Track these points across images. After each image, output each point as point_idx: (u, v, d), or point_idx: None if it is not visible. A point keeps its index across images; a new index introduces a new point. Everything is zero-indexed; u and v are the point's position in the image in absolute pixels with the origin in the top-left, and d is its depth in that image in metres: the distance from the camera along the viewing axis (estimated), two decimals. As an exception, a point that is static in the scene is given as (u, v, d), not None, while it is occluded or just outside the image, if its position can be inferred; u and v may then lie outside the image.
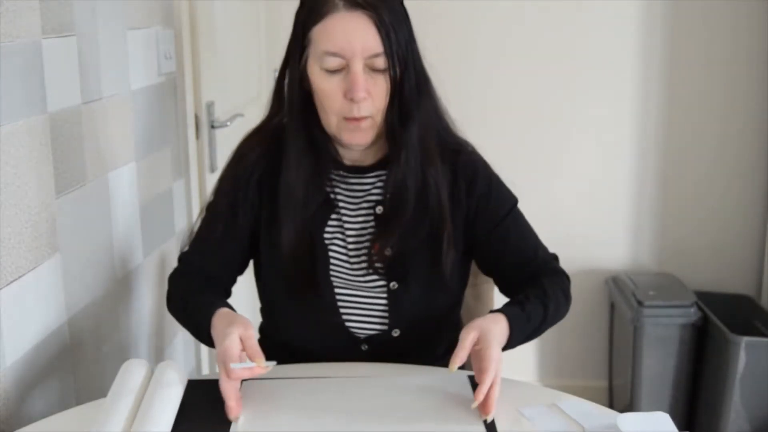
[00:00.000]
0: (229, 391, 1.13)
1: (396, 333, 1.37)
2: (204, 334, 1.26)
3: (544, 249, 1.42)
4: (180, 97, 2.00)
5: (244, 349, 1.15)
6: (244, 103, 2.39)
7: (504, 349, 1.23)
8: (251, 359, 1.14)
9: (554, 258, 1.43)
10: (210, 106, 2.14)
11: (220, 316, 1.23)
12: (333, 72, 1.24)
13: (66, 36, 1.42)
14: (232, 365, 1.12)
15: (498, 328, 1.22)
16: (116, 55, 1.64)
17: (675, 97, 2.79)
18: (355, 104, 1.24)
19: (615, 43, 2.77)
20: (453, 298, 1.42)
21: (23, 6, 1.27)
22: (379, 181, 1.37)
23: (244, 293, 1.49)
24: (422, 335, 1.39)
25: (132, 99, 1.72)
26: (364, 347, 1.38)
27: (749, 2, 2.69)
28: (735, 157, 2.80)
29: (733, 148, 2.79)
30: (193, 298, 1.34)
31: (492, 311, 1.27)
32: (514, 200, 1.41)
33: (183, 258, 1.44)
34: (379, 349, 1.37)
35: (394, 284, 1.35)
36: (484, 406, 1.12)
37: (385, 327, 1.37)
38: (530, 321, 1.29)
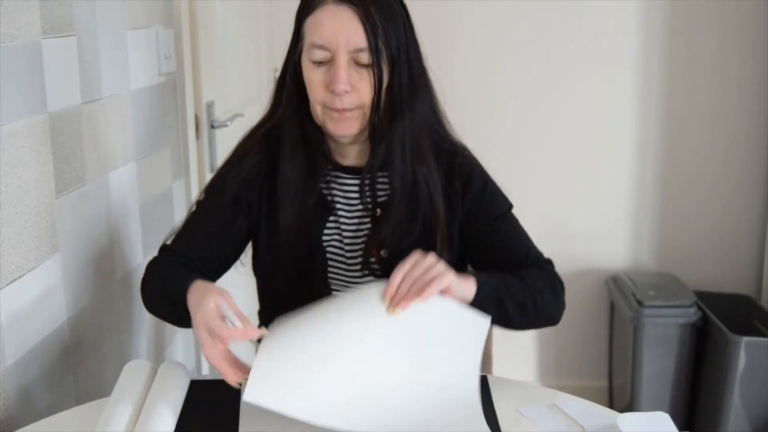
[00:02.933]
0: (218, 356, 1.09)
1: None
2: (180, 310, 1.20)
3: (538, 253, 1.41)
4: (180, 97, 2.01)
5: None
6: (244, 103, 2.39)
7: (478, 300, 1.20)
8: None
9: (548, 262, 1.42)
10: (210, 106, 2.15)
11: (195, 288, 1.18)
12: (319, 64, 1.26)
13: (66, 36, 1.42)
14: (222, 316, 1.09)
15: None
16: (116, 55, 1.65)
17: (675, 97, 2.79)
18: (337, 96, 1.24)
19: (615, 43, 2.77)
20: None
21: (23, 6, 1.27)
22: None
23: (244, 295, 1.49)
24: None
25: (132, 99, 1.72)
26: None
27: (749, 2, 2.69)
28: (735, 157, 2.80)
29: (733, 148, 2.79)
30: (169, 277, 1.29)
31: None
32: (508, 205, 1.41)
33: (165, 248, 1.40)
34: None
35: None
36: (394, 301, 1.12)
37: None
38: (501, 280, 1.26)
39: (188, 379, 1.22)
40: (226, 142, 2.13)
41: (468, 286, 1.20)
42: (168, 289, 1.26)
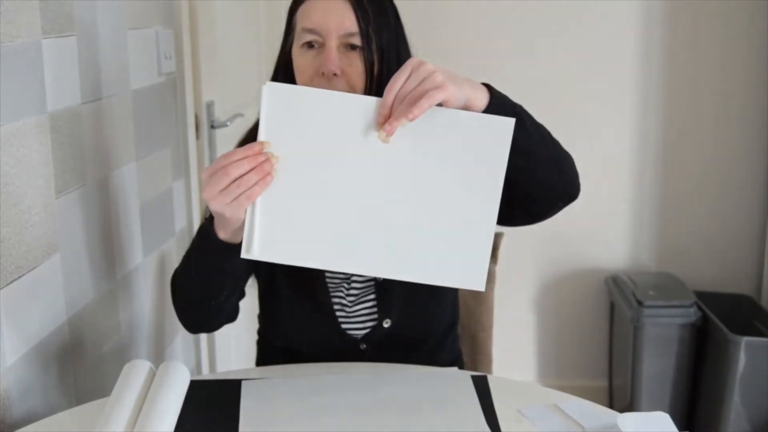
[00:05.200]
0: (216, 190, 1.08)
1: (387, 323, 1.37)
2: (212, 243, 1.19)
3: None
4: (180, 97, 2.01)
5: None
6: (244, 103, 2.39)
7: (492, 107, 1.13)
8: None
9: None
10: (210, 106, 2.15)
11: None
12: (308, 48, 1.25)
13: (66, 36, 1.42)
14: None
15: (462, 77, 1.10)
16: (116, 55, 1.65)
17: (674, 97, 2.79)
18: (326, 80, 1.23)
19: (615, 43, 2.77)
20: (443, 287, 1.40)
21: (23, 6, 1.27)
22: None
23: (244, 299, 1.49)
24: (415, 323, 1.39)
25: (132, 99, 1.72)
26: (363, 346, 1.38)
27: (750, 2, 2.69)
28: (735, 157, 2.80)
29: (732, 147, 2.79)
30: (191, 255, 1.29)
31: None
32: None
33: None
34: (377, 346, 1.38)
35: None
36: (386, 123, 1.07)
37: (375, 321, 1.37)
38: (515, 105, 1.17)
39: (188, 379, 1.22)
40: (226, 142, 2.13)
41: (478, 95, 1.12)
42: (194, 257, 1.26)
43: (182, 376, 1.20)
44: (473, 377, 1.25)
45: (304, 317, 1.38)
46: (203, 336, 2.22)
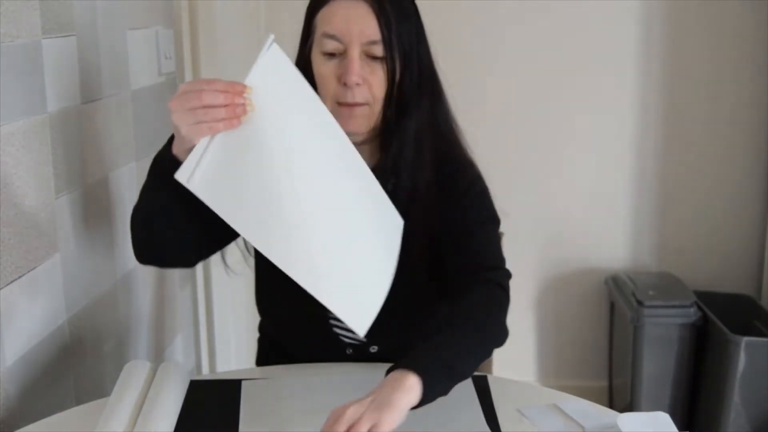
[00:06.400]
0: (185, 107, 1.05)
1: (374, 349, 1.36)
2: (165, 167, 1.13)
3: (501, 263, 1.30)
4: (180, 97, 2.00)
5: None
6: (244, 103, 2.38)
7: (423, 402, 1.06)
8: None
9: (501, 286, 1.26)
10: (210, 106, 2.14)
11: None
12: (330, 56, 1.24)
13: (66, 36, 1.42)
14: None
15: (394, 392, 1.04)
16: (116, 55, 1.65)
17: (674, 97, 2.79)
18: (348, 89, 1.22)
19: (615, 43, 2.76)
20: (436, 315, 1.35)
21: (23, 6, 1.27)
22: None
23: (245, 293, 1.49)
24: (403, 353, 1.37)
25: (132, 99, 1.72)
26: (349, 351, 1.38)
27: (750, 2, 2.69)
28: (735, 157, 2.80)
29: (733, 147, 2.79)
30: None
31: (393, 368, 1.09)
32: (494, 216, 1.33)
33: None
34: (362, 356, 1.37)
35: None
36: None
37: (362, 343, 1.36)
38: (440, 351, 1.12)
39: (188, 379, 1.22)
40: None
41: (411, 401, 1.04)
42: (149, 171, 1.22)
43: (182, 376, 1.21)
44: (473, 377, 1.25)
45: (296, 307, 1.37)
46: (203, 336, 2.22)
